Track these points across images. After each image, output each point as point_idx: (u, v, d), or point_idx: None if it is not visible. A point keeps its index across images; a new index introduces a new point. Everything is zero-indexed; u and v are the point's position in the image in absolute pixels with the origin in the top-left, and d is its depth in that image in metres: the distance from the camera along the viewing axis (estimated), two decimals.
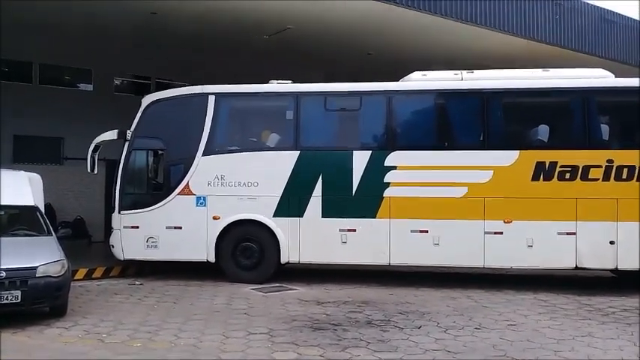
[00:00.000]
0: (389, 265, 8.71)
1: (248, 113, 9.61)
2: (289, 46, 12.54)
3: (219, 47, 12.64)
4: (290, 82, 9.22)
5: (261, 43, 12.26)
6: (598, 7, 13.67)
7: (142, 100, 9.38)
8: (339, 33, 11.86)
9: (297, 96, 8.97)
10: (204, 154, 8.92)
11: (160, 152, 9.32)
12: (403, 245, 8.56)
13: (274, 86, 9.17)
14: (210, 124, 8.97)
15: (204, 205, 8.87)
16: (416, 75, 9.13)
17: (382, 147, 8.88)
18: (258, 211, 8.82)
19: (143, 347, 5.46)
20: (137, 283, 8.84)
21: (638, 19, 14.84)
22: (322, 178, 8.79)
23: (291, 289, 8.41)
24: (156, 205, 8.96)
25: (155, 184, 9.39)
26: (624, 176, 8.20)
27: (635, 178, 8.17)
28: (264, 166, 8.87)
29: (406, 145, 8.88)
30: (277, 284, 8.67)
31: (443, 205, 8.53)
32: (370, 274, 9.36)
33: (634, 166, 8.18)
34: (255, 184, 8.82)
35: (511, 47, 12.54)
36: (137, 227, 8.96)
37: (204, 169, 8.89)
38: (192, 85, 9.46)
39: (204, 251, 8.86)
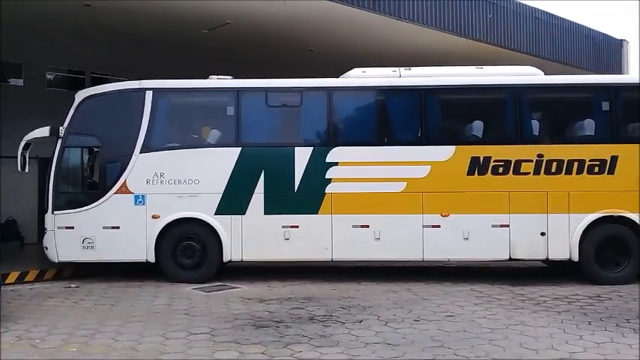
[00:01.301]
0: (332, 260, 8.79)
1: (187, 109, 9.45)
2: (229, 41, 12.40)
3: (157, 41, 12.36)
4: (230, 77, 9.13)
5: (200, 37, 12.07)
6: (530, 6, 14.25)
7: (76, 96, 9.04)
8: (280, 29, 11.83)
9: (237, 92, 8.89)
10: (141, 152, 8.70)
11: (95, 150, 9.03)
12: (345, 240, 8.65)
13: (214, 82, 9.05)
14: (147, 120, 8.76)
15: (143, 204, 8.67)
16: (355, 72, 9.24)
17: (323, 143, 8.93)
18: (199, 209, 8.69)
19: (79, 352, 5.30)
20: (73, 285, 8.55)
21: (570, 20, 15.57)
22: (264, 175, 8.75)
23: (233, 288, 8.35)
24: (92, 205, 8.69)
25: (90, 183, 9.09)
26: (553, 170, 8.58)
27: (563, 171, 8.57)
28: (205, 163, 8.75)
29: (347, 141, 8.97)
30: (220, 283, 8.59)
31: (383, 200, 8.68)
32: (313, 270, 9.42)
33: (562, 160, 8.57)
34: (196, 182, 8.69)
35: (447, 45, 12.89)
36: (72, 228, 8.66)
37: (142, 167, 8.68)
38: (128, 80, 9.20)
39: (143, 251, 8.66)
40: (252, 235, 8.67)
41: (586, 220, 8.47)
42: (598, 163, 8.52)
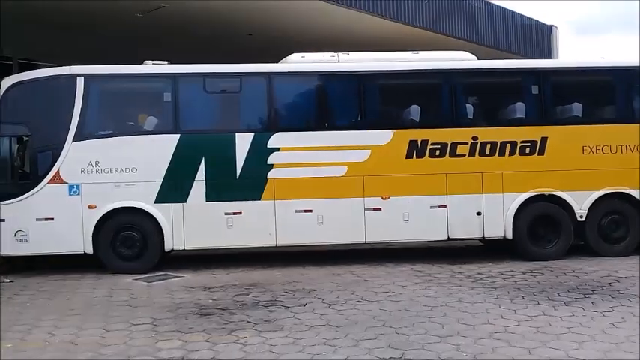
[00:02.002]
0: (276, 246, 8.80)
1: (122, 96, 9.15)
2: (165, 26, 12.09)
3: (89, 25, 11.88)
4: (166, 62, 8.91)
5: (133, 21, 11.68)
6: None
7: (2, 83, 8.58)
8: (217, 13, 11.63)
9: (174, 77, 8.70)
10: (75, 140, 8.38)
11: (25, 139, 8.64)
12: (289, 226, 8.68)
13: (149, 67, 8.80)
14: (80, 107, 8.42)
15: (78, 194, 8.38)
16: (294, 57, 9.21)
17: (264, 129, 8.89)
18: (137, 198, 8.48)
19: (14, 348, 5.10)
20: (7, 280, 8.17)
21: (503, 6, 16.08)
22: (205, 162, 8.63)
23: (176, 277, 8.23)
24: (23, 196, 8.31)
25: (21, 174, 8.68)
26: (487, 152, 8.88)
27: (497, 153, 8.89)
28: (142, 150, 8.53)
29: (288, 127, 8.97)
30: (162, 273, 8.45)
31: (325, 184, 8.75)
32: (258, 256, 9.41)
33: (496, 142, 8.89)
34: (134, 170, 8.46)
35: (385, 31, 13.07)
36: (3, 220, 8.28)
37: (76, 156, 8.37)
38: (59, 66, 8.82)
39: (80, 243, 8.39)
40: (194, 223, 8.56)
41: (519, 200, 8.85)
42: (529, 144, 8.90)
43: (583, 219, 8.88)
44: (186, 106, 8.76)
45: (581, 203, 8.87)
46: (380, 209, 8.80)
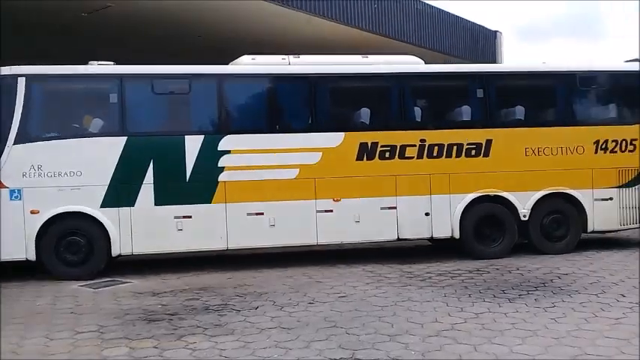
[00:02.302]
0: (227, 249, 8.72)
1: (66, 97, 8.83)
2: (110, 26, 11.80)
3: (33, 25, 11.46)
4: (112, 63, 8.69)
5: (80, 21, 11.36)
6: None
7: None
8: (166, 13, 11.45)
9: (120, 78, 8.50)
10: (16, 143, 8.06)
11: None
12: (240, 228, 8.62)
13: (95, 68, 8.57)
14: (21, 108, 8.10)
15: (20, 199, 8.07)
16: (245, 59, 9.17)
17: (215, 131, 8.80)
18: (82, 202, 8.23)
19: None
20: None
21: (449, 12, 16.47)
22: (153, 165, 8.46)
23: (124, 283, 8.03)
24: None
25: None
26: (435, 154, 9.07)
27: (444, 155, 9.10)
28: (87, 153, 8.28)
29: (239, 129, 8.92)
30: (109, 279, 8.22)
31: (277, 187, 8.75)
32: (209, 260, 9.30)
33: (443, 144, 9.09)
34: (79, 174, 8.21)
35: (335, 33, 13.17)
36: None
37: (17, 159, 8.05)
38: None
39: (22, 249, 8.07)
40: (143, 227, 8.38)
41: (465, 200, 9.08)
42: (475, 146, 9.15)
43: (526, 218, 9.21)
44: (133, 108, 8.58)
45: (524, 203, 9.19)
46: (331, 211, 8.85)
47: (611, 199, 9.36)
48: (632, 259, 8.74)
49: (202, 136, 8.67)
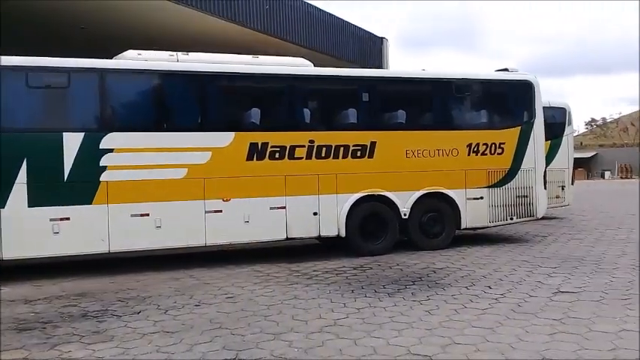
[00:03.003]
0: (109, 252, 8.37)
1: None
2: None
3: None
4: None
5: None
6: (303, 1, 15.14)
7: None
8: (46, 1, 10.74)
9: None
10: None
11: None
12: (123, 230, 8.31)
13: None
14: None
15: None
16: (130, 53, 8.86)
17: (96, 128, 8.41)
18: None
19: None
20: None
21: (339, 16, 16.91)
22: (27, 164, 7.92)
23: None
24: None
25: None
26: (323, 155, 9.32)
27: (331, 156, 9.37)
28: None
29: (123, 127, 8.59)
30: None
31: (163, 187, 8.53)
32: (89, 265, 8.87)
33: (330, 145, 9.36)
34: None
35: (226, 32, 13.07)
36: None
37: None
38: None
39: None
40: (14, 230, 7.81)
41: (351, 200, 9.42)
42: (360, 148, 9.51)
43: (407, 216, 9.73)
44: (4, 102, 7.96)
45: (404, 202, 9.71)
46: (221, 211, 8.80)
47: (481, 198, 10.15)
48: (500, 253, 9.54)
49: (82, 134, 8.26)
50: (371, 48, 18.63)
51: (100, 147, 8.27)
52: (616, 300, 6.26)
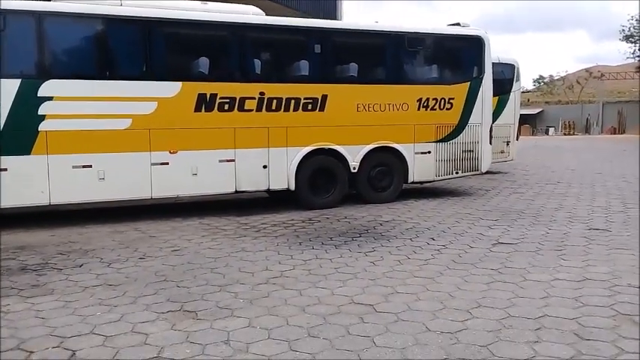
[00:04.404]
0: (49, 204, 8.11)
1: None
2: None
3: None
4: None
5: None
6: None
7: None
8: None
9: None
10: None
11: None
12: (65, 182, 8.05)
13: None
14: None
15: None
16: None
17: (34, 75, 7.99)
18: None
19: None
20: None
21: None
22: None
23: None
24: None
25: None
26: (274, 107, 9.20)
27: (282, 108, 9.26)
28: None
29: (63, 74, 8.19)
30: None
31: (107, 137, 8.27)
32: (29, 217, 8.60)
33: (281, 98, 9.24)
34: None
35: None
36: None
37: None
38: None
39: None
40: None
41: (301, 153, 9.40)
42: (311, 101, 9.43)
43: (356, 170, 9.81)
44: None
45: (354, 156, 9.76)
46: (167, 163, 8.63)
47: (429, 152, 10.31)
48: (445, 206, 9.80)
49: (19, 80, 7.84)
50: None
51: (39, 95, 7.89)
52: (551, 251, 6.56)
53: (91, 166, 8.18)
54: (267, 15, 9.76)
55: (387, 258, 6.32)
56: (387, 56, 10.40)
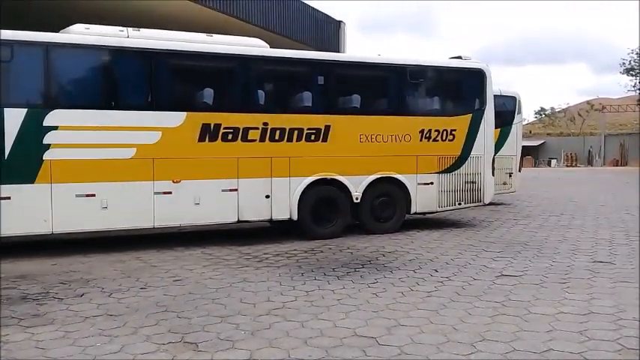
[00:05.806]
0: (52, 233, 8.11)
1: None
2: None
3: None
4: None
5: None
6: None
7: None
8: None
9: None
10: None
11: None
12: (68, 211, 8.06)
13: None
14: None
15: None
16: (78, 27, 8.52)
17: (40, 105, 8.09)
18: None
19: None
20: None
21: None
22: None
23: None
24: None
25: None
26: (277, 137, 9.26)
27: (285, 139, 9.32)
28: None
29: (69, 104, 8.29)
30: None
31: (111, 167, 8.32)
32: (31, 246, 8.58)
33: (284, 128, 9.31)
34: None
35: (179, 9, 12.73)
36: None
37: None
38: None
39: None
40: None
41: (303, 183, 9.42)
42: (314, 131, 9.49)
43: (358, 200, 9.81)
44: None
45: (357, 186, 9.78)
46: (170, 193, 8.65)
47: (432, 183, 10.33)
48: (448, 237, 9.76)
49: (25, 110, 7.93)
50: (328, 31, 18.54)
51: (44, 124, 7.97)
52: (555, 284, 6.50)
53: (94, 195, 8.20)
54: (271, 47, 9.90)
55: (390, 290, 6.27)
56: (389, 88, 10.52)
